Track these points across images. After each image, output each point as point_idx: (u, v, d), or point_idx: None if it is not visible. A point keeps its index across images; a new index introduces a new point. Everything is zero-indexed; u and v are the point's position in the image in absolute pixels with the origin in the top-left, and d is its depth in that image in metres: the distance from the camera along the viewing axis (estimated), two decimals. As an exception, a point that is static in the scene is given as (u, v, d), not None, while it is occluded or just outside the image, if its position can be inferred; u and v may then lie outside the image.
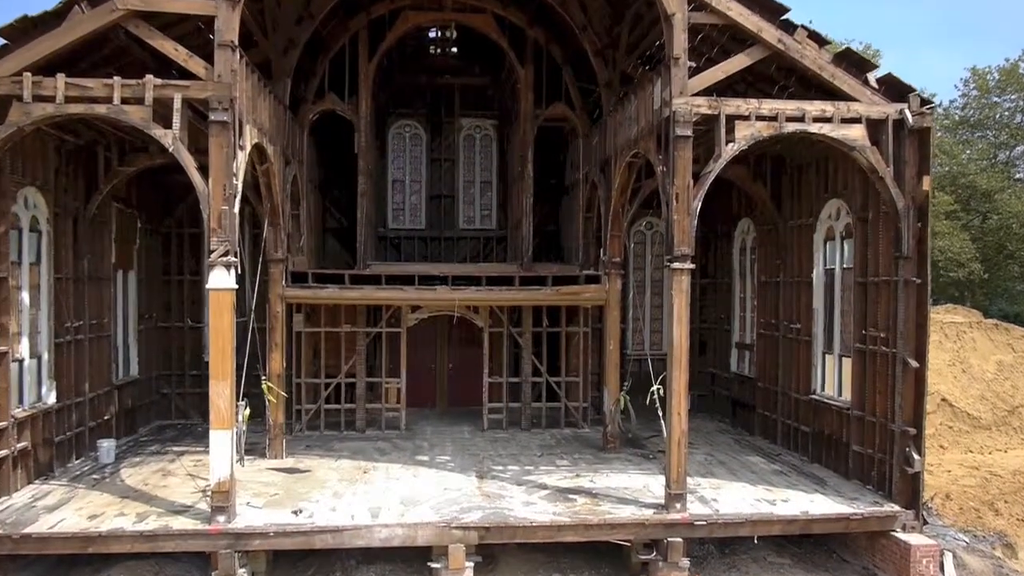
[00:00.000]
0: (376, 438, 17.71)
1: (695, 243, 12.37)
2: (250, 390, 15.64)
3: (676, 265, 12.01)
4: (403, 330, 18.14)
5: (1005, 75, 39.58)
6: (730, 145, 12.22)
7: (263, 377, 15.01)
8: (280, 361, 15.66)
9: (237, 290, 11.76)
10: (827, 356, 15.42)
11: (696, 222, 12.15)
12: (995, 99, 40.65)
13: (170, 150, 11.36)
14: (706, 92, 12.42)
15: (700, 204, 12.17)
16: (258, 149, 13.84)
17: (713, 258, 20.30)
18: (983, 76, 40.36)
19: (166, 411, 19.44)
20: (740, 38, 13.87)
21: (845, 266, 14.78)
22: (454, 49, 22.58)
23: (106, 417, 16.39)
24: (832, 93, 13.05)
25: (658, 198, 18.30)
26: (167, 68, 12.61)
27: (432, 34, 21.41)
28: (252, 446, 16.44)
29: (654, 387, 13.82)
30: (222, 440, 11.42)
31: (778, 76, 14.29)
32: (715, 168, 12.21)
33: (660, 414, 13.36)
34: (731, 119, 12.25)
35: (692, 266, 12.11)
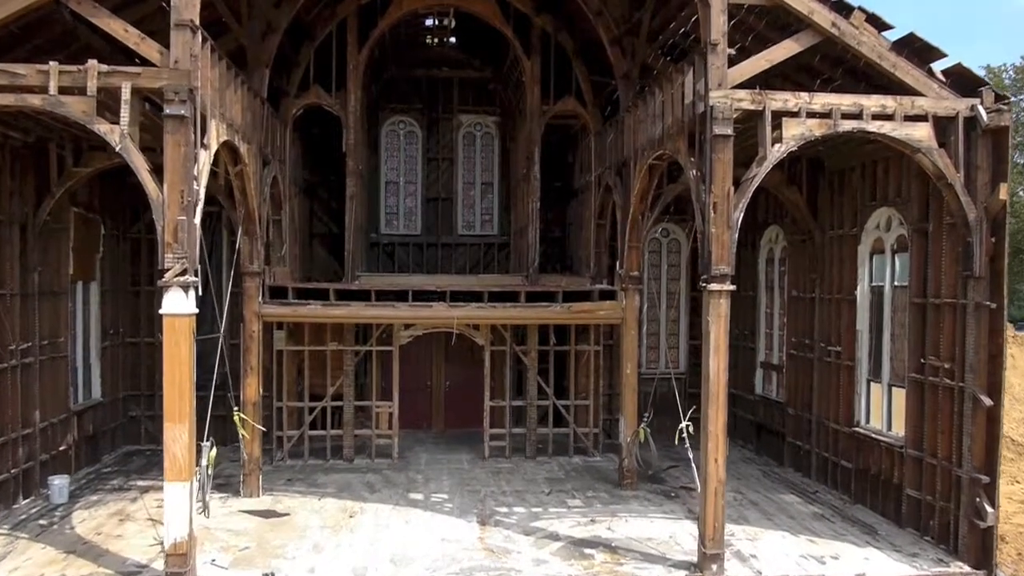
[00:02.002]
0: (365, 469, 15.95)
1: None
2: (227, 413, 13.89)
3: (714, 286, 10.28)
4: (395, 348, 16.37)
5: (1021, 73, 38.05)
6: (776, 146, 10.48)
7: (235, 409, 13.20)
8: (256, 387, 13.88)
9: (198, 314, 10.02)
10: (873, 384, 13.70)
11: (737, 236, 10.41)
12: (1011, 98, 39.11)
13: (117, 149, 9.60)
14: (746, 85, 10.69)
15: (742, 215, 10.44)
16: (229, 148, 12.09)
17: (735, 268, 18.45)
18: (998, 75, 38.76)
19: (135, 435, 17.65)
20: (780, 24, 12.21)
21: (897, 284, 13.05)
22: (453, 39, 20.85)
23: (62, 447, 14.60)
24: (885, 87, 11.39)
25: (676, 203, 16.84)
26: (130, 60, 10.81)
27: (429, 22, 19.61)
28: (227, 479, 14.81)
29: (683, 424, 12.07)
30: (179, 494, 9.64)
31: (823, 67, 12.59)
32: (759, 173, 10.49)
33: (690, 456, 11.66)
34: (777, 116, 10.52)
35: (733, 287, 10.39)
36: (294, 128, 17.37)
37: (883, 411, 13.34)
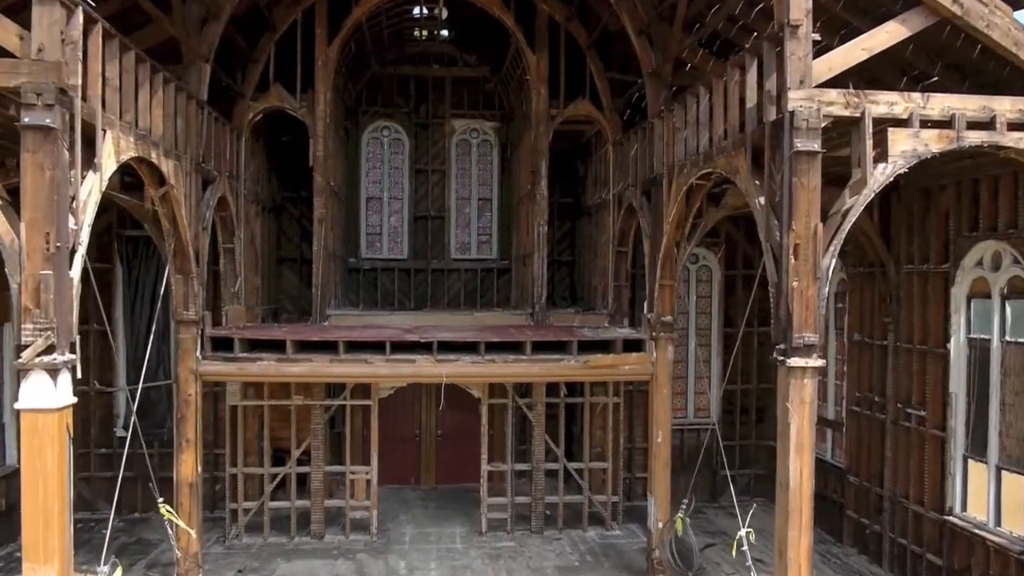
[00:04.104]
0: (336, 551, 13.13)
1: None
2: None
3: (796, 361, 7.43)
4: (374, 403, 13.56)
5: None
6: (880, 166, 7.65)
7: (160, 500, 10.30)
8: (193, 465, 11.03)
9: (75, 405, 7.22)
10: (972, 462, 10.86)
11: (827, 290, 7.59)
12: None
13: (-46, 175, 6.79)
14: (832, 84, 7.88)
15: (833, 261, 7.62)
16: (147, 166, 9.28)
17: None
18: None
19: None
20: (864, 5, 9.44)
21: (1010, 339, 10.20)
22: (444, 32, 18.04)
23: (-40, 532, 11.81)
24: (994, 85, 8.69)
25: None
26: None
27: (416, 12, 16.80)
28: (164, 570, 12.03)
29: (742, 532, 9.20)
30: (43, 663, 6.81)
31: (917, 59, 9.78)
32: (856, 203, 7.65)
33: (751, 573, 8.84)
34: (879, 124, 7.70)
35: (822, 363, 7.57)
36: (255, 136, 14.62)
37: (989, 499, 10.47)
